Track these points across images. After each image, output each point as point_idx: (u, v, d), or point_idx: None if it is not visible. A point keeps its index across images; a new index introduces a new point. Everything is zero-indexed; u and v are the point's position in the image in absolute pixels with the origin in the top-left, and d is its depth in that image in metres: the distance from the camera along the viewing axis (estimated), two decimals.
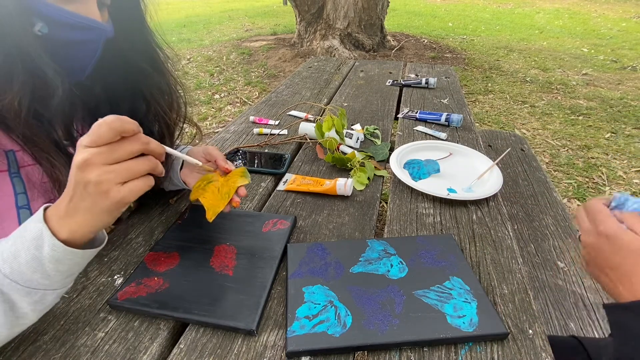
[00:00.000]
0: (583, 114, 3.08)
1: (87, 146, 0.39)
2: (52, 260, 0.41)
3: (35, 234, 0.41)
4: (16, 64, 0.46)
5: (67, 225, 0.41)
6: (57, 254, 0.41)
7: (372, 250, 0.62)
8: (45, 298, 0.44)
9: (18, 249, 0.41)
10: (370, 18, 4.61)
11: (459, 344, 0.48)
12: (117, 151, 0.40)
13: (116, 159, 0.40)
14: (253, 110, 1.29)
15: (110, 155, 0.40)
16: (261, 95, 3.54)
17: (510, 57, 4.76)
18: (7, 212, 0.50)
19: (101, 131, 0.39)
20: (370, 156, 0.97)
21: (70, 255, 0.42)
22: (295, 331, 0.48)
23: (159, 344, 0.49)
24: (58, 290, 0.45)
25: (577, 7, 8.36)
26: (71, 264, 0.43)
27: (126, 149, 0.41)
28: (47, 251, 0.41)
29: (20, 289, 0.41)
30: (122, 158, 0.40)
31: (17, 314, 0.42)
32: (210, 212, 0.59)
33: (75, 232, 0.42)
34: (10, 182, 0.50)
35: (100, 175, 0.39)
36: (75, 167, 0.39)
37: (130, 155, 0.41)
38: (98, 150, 0.39)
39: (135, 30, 0.61)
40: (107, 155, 0.39)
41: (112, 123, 0.39)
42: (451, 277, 0.56)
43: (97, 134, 0.39)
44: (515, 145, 1.60)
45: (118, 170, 0.40)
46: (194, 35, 6.13)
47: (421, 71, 1.79)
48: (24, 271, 0.41)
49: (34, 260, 0.41)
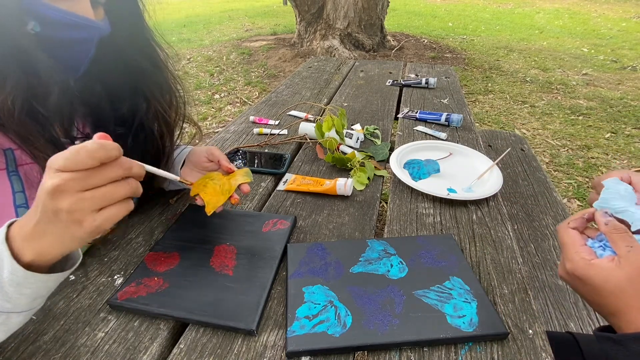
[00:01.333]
0: (583, 114, 3.08)
1: (59, 170, 0.35)
2: (12, 284, 0.37)
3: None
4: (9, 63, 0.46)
5: (33, 247, 0.38)
6: (17, 278, 0.37)
7: (372, 250, 0.62)
8: (9, 320, 0.40)
9: None
10: (370, 18, 4.60)
11: (459, 344, 0.48)
12: (94, 178, 0.36)
13: (93, 186, 0.36)
14: (253, 110, 1.29)
15: (86, 182, 0.35)
16: (261, 95, 3.54)
17: (510, 57, 4.76)
18: (5, 211, 0.50)
19: (79, 158, 0.34)
20: (370, 156, 0.97)
21: (33, 280, 0.38)
22: (295, 331, 0.48)
23: (159, 344, 0.49)
24: (25, 312, 0.41)
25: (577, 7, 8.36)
26: (35, 288, 0.39)
27: (105, 176, 0.36)
28: (7, 275, 0.37)
29: None
30: (99, 184, 0.36)
31: None
32: (210, 206, 0.59)
33: (42, 255, 0.38)
34: (9, 181, 0.50)
35: (73, 204, 0.35)
36: (45, 193, 0.35)
37: (109, 181, 0.37)
38: (72, 176, 0.35)
39: (134, 28, 0.61)
40: (83, 182, 0.35)
41: (94, 151, 0.35)
42: (451, 277, 0.56)
43: (73, 159, 0.34)
44: (515, 145, 1.60)
45: (94, 197, 0.36)
46: (194, 35, 6.13)
47: (421, 71, 1.79)
48: None
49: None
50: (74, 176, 0.35)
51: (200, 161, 0.71)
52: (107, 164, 0.37)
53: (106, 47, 0.56)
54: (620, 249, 0.41)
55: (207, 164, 0.70)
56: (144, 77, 0.65)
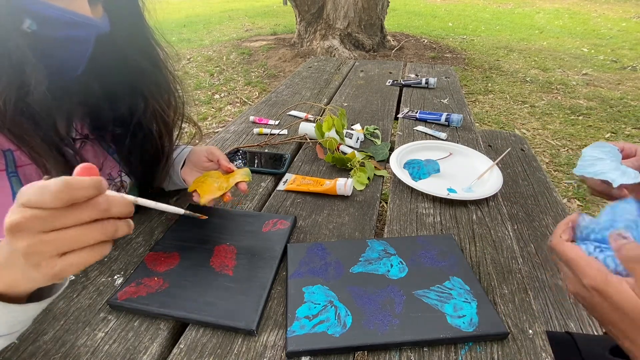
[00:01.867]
0: (583, 114, 3.08)
1: (23, 205, 0.30)
2: None
3: None
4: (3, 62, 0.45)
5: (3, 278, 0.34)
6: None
7: (372, 250, 0.62)
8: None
9: None
10: (370, 18, 4.60)
11: (459, 343, 0.48)
12: (59, 219, 0.31)
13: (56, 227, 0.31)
14: (253, 110, 1.29)
15: (50, 222, 0.30)
16: (261, 95, 3.54)
17: (510, 57, 4.76)
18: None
19: (44, 196, 0.30)
20: (370, 156, 0.97)
21: (6, 310, 0.35)
22: (295, 331, 0.48)
23: (159, 344, 0.49)
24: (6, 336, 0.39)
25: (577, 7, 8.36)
26: (11, 317, 0.36)
27: (73, 218, 0.31)
28: None
29: None
30: (64, 226, 0.31)
31: None
32: (203, 198, 0.59)
33: (12, 287, 0.35)
34: (9, 182, 0.50)
35: (31, 247, 0.30)
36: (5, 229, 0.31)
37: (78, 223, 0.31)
38: (35, 215, 0.30)
39: (133, 26, 0.61)
40: (46, 223, 0.30)
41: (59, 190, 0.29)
42: (451, 277, 0.56)
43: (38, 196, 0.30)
44: (515, 145, 1.60)
45: (57, 240, 0.31)
46: (194, 35, 6.13)
47: (421, 71, 1.79)
48: None
49: None
50: (36, 214, 0.30)
51: (200, 161, 0.71)
52: (77, 205, 0.31)
53: (105, 45, 0.55)
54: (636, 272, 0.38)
55: (207, 164, 0.71)
56: (143, 77, 0.64)
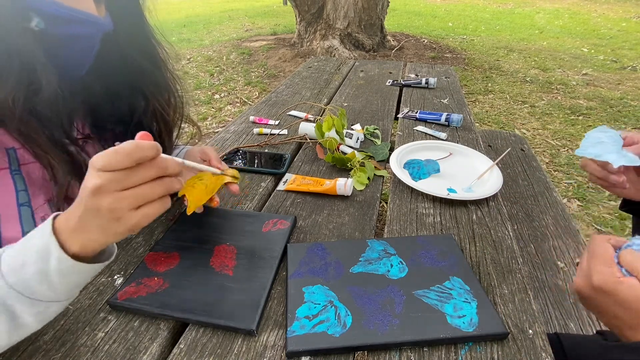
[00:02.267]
0: (583, 114, 3.08)
1: (100, 170, 0.37)
2: (58, 274, 0.40)
3: (43, 246, 0.39)
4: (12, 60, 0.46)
5: (78, 239, 0.40)
6: (64, 268, 0.40)
7: (372, 250, 0.62)
8: (49, 309, 0.43)
9: (25, 260, 0.40)
10: (370, 18, 4.60)
11: (459, 344, 0.48)
12: (132, 178, 0.38)
13: (130, 185, 0.38)
14: (253, 110, 1.29)
15: (125, 182, 0.38)
16: (261, 95, 3.54)
17: (510, 57, 4.76)
18: (8, 210, 0.50)
19: (117, 158, 0.37)
20: (370, 156, 0.97)
21: (78, 268, 0.41)
22: (295, 331, 0.48)
23: (159, 344, 0.49)
24: (63, 302, 0.44)
25: (577, 7, 8.36)
26: (78, 277, 0.42)
27: (142, 176, 0.39)
28: (54, 264, 0.39)
29: (24, 300, 0.40)
30: (136, 184, 0.39)
31: (18, 323, 0.41)
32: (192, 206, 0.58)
33: (86, 246, 0.41)
34: (12, 180, 0.50)
35: (113, 203, 0.38)
36: (87, 192, 0.38)
37: (146, 181, 0.39)
38: (111, 177, 0.37)
39: (134, 26, 0.61)
40: (121, 182, 0.38)
41: (131, 151, 0.37)
42: (451, 277, 0.56)
43: (112, 158, 0.37)
44: (515, 145, 1.60)
45: (132, 196, 0.38)
46: (194, 35, 6.13)
47: (421, 71, 1.79)
48: (30, 283, 0.39)
49: (41, 273, 0.39)
50: (113, 176, 0.37)
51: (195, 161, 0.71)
52: (144, 164, 0.39)
53: (107, 44, 0.56)
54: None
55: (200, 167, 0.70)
56: (144, 76, 0.64)
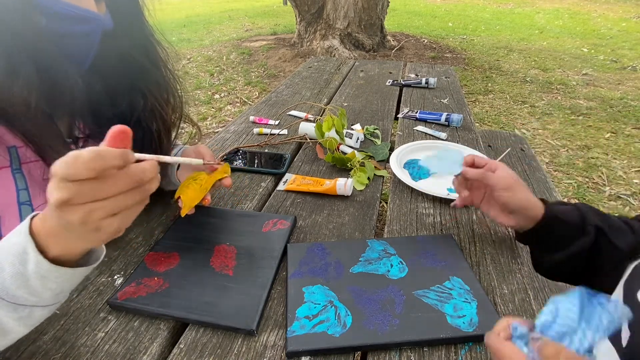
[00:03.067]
0: (583, 114, 3.08)
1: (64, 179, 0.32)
2: (37, 277, 0.37)
3: (20, 248, 0.37)
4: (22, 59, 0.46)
5: (57, 243, 0.37)
6: (42, 271, 0.37)
7: (372, 250, 0.62)
8: (33, 314, 0.40)
9: (2, 262, 0.37)
10: (370, 18, 4.60)
11: (459, 344, 0.48)
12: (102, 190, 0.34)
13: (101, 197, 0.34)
14: (253, 110, 1.29)
15: (94, 194, 0.33)
16: (261, 95, 3.54)
17: (510, 57, 4.76)
18: (9, 209, 0.50)
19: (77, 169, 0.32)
20: (370, 156, 0.97)
21: (58, 274, 0.38)
22: (295, 331, 0.48)
23: (159, 344, 0.49)
24: (49, 307, 0.41)
25: (577, 7, 8.36)
26: (60, 282, 0.40)
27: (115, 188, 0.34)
28: (32, 267, 0.37)
29: (5, 304, 0.38)
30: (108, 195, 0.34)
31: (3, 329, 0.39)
32: (186, 208, 0.58)
33: (67, 250, 0.38)
34: (13, 178, 0.50)
35: (85, 216, 0.33)
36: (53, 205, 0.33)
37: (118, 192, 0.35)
38: (78, 189, 0.33)
39: (134, 24, 0.61)
40: (90, 194, 0.33)
41: (89, 160, 0.32)
42: (451, 277, 0.56)
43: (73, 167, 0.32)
44: (515, 145, 1.60)
45: (106, 206, 0.34)
46: (194, 35, 6.13)
47: (421, 71, 1.79)
48: (9, 286, 0.37)
49: (19, 276, 0.37)
50: (79, 188, 0.33)
51: None
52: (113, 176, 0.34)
53: (107, 42, 0.56)
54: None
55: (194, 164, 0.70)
56: (143, 74, 0.65)
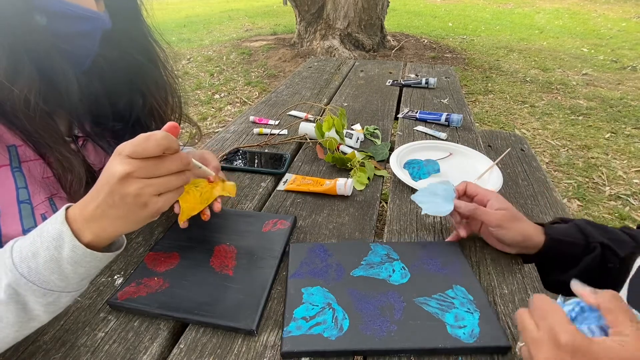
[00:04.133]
0: (583, 114, 3.08)
1: (128, 156, 0.39)
2: (71, 262, 0.40)
3: (56, 234, 0.40)
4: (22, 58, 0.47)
5: (92, 228, 0.41)
6: (77, 256, 0.40)
7: (374, 254, 0.61)
8: (59, 300, 0.43)
9: (37, 249, 0.40)
10: (370, 18, 4.60)
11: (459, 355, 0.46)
12: (159, 169, 0.41)
13: (157, 175, 0.41)
14: (253, 110, 1.29)
15: (153, 171, 0.40)
16: (261, 95, 3.54)
17: (510, 57, 4.76)
18: (9, 207, 0.50)
19: (148, 145, 0.39)
20: (370, 156, 0.97)
21: (90, 258, 0.42)
22: (291, 332, 0.48)
23: (159, 344, 0.48)
24: (73, 293, 0.44)
25: (577, 7, 8.35)
26: (89, 267, 0.43)
27: (168, 167, 0.41)
28: (67, 252, 0.40)
29: (36, 289, 0.40)
30: (162, 174, 0.41)
31: (29, 316, 0.42)
32: (184, 215, 0.57)
33: (99, 235, 0.42)
34: (12, 177, 0.51)
35: (140, 189, 0.39)
36: (115, 178, 0.39)
37: (170, 172, 0.42)
38: (141, 164, 0.39)
39: (132, 23, 0.62)
40: (150, 171, 0.40)
41: (161, 140, 0.39)
42: (454, 285, 0.55)
43: (142, 147, 0.39)
44: (515, 145, 1.60)
45: (157, 184, 0.41)
46: (194, 35, 6.12)
47: (421, 71, 1.79)
48: (42, 272, 0.40)
49: (53, 261, 0.40)
50: (142, 164, 0.39)
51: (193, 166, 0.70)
52: (170, 157, 0.41)
53: (105, 42, 0.56)
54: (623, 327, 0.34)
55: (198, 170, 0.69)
56: (141, 73, 0.65)
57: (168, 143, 0.40)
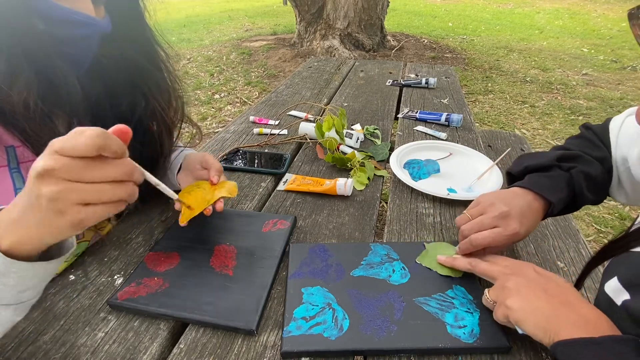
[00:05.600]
0: (583, 114, 3.08)
1: (57, 152, 0.32)
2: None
3: None
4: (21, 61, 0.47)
5: (13, 234, 0.35)
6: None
7: (374, 254, 0.61)
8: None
9: None
10: (370, 18, 4.60)
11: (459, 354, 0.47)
12: (90, 172, 0.33)
13: (87, 179, 0.33)
14: (253, 110, 1.29)
15: (80, 173, 0.33)
16: (261, 95, 3.54)
17: (510, 57, 4.76)
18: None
19: (77, 142, 0.32)
20: (370, 156, 0.97)
21: (15, 268, 0.36)
22: (291, 331, 0.48)
23: (159, 344, 0.49)
24: (14, 306, 0.38)
25: (577, 7, 8.35)
26: (18, 278, 0.37)
27: (104, 174, 0.34)
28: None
29: None
30: (93, 180, 0.33)
31: None
32: (185, 216, 0.57)
33: (20, 243, 0.35)
34: (10, 178, 0.51)
35: (58, 192, 0.32)
36: (33, 173, 0.32)
37: (108, 180, 0.34)
38: (67, 162, 0.32)
39: (134, 26, 0.62)
40: (76, 173, 0.32)
41: (95, 137, 0.32)
42: (454, 285, 0.55)
43: (71, 142, 0.32)
44: (515, 145, 1.60)
45: (83, 190, 0.33)
46: (194, 35, 6.12)
47: (421, 71, 1.79)
48: None
49: None
50: (69, 163, 0.32)
51: (195, 168, 0.69)
52: (110, 161, 0.34)
53: (107, 45, 0.56)
54: None
55: (200, 172, 0.68)
56: (143, 76, 0.65)
57: (103, 142, 0.32)
